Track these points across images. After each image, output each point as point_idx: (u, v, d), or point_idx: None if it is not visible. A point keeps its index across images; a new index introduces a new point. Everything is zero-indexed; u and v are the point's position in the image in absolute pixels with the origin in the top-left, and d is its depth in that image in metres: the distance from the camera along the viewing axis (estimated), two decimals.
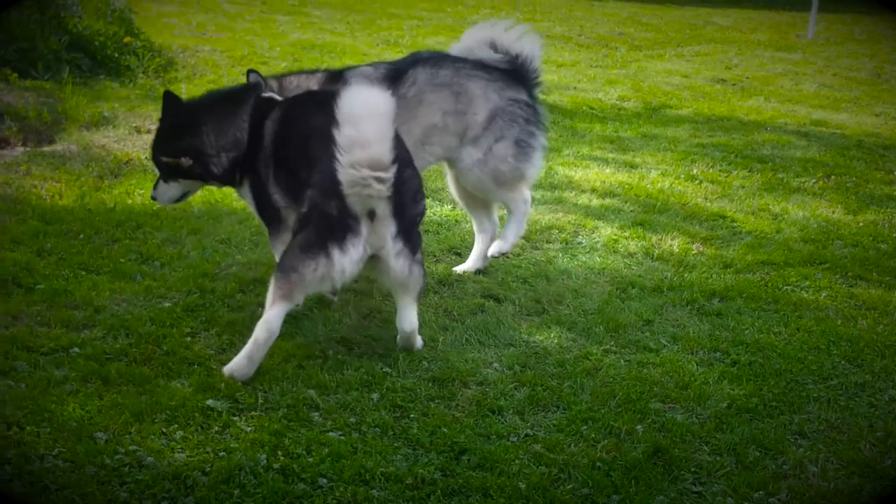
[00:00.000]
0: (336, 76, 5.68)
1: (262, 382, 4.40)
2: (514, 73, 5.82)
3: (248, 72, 5.35)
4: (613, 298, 5.64)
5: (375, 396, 4.39)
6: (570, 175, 7.93)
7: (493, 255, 5.86)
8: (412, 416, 4.27)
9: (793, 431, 4.38)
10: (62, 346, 4.58)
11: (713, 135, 9.75)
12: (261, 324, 4.48)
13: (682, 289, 5.82)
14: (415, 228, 4.68)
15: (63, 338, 4.65)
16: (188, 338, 4.80)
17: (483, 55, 5.83)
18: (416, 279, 4.68)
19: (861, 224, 7.25)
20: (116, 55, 9.89)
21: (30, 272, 5.27)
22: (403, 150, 4.64)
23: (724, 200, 7.61)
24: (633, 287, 5.81)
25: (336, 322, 5.07)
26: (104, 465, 3.72)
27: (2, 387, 4.19)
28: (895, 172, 8.74)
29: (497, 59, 5.83)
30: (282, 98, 5.29)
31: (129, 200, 6.50)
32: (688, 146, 9.21)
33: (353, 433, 4.10)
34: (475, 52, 5.88)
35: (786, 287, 6.00)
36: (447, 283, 5.68)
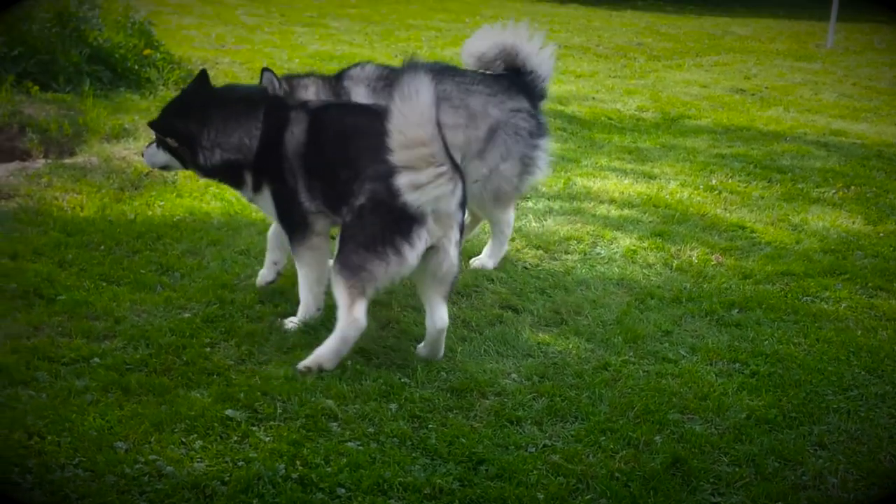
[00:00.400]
0: (338, 78, 5.73)
1: (281, 393, 4.42)
2: (518, 83, 5.83)
3: (263, 70, 5.40)
4: (632, 309, 5.63)
5: (394, 406, 4.40)
6: (589, 186, 7.93)
7: (476, 268, 5.91)
8: (430, 427, 4.28)
9: (812, 442, 4.37)
10: (83, 357, 4.61)
11: (732, 145, 9.73)
12: (349, 324, 4.59)
13: (702, 299, 5.81)
14: (462, 218, 4.76)
15: (84, 348, 4.68)
16: (208, 348, 4.83)
17: (492, 57, 5.84)
18: (458, 271, 4.79)
19: (881, 234, 7.22)
20: (137, 67, 9.94)
21: (51, 283, 5.30)
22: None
23: (744, 211, 7.59)
24: (652, 298, 5.81)
25: None
26: (124, 475, 3.74)
27: (23, 397, 4.22)
28: None
29: (503, 69, 5.87)
30: (293, 99, 5.30)
31: (150, 212, 6.54)
32: (707, 157, 9.20)
33: (372, 443, 4.11)
34: (486, 56, 5.89)
35: (805, 298, 5.98)
36: (465, 294, 5.68)
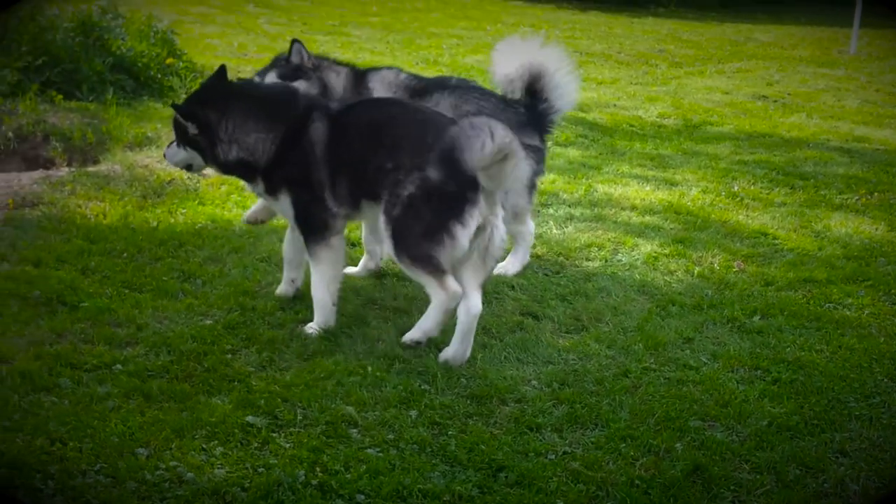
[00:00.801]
0: (360, 75, 5.98)
1: (301, 399, 4.43)
2: (531, 118, 5.93)
3: (293, 42, 5.53)
4: (653, 316, 5.62)
5: (414, 413, 4.41)
6: (610, 192, 7.92)
7: (497, 274, 5.95)
8: (450, 433, 4.28)
9: (834, 450, 4.34)
10: (105, 363, 4.64)
11: (754, 151, 9.69)
12: (448, 297, 4.83)
13: (723, 306, 5.79)
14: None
15: (106, 355, 4.71)
16: (229, 355, 4.85)
17: (517, 79, 5.95)
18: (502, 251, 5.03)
19: None
20: (159, 76, 10.01)
21: (74, 290, 5.34)
22: None
23: (766, 217, 7.56)
24: (674, 304, 5.79)
25: (374, 339, 5.10)
26: (145, 481, 3.77)
27: (46, 403, 4.25)
28: None
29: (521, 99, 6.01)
30: (313, 100, 5.36)
31: (172, 219, 6.58)
32: (729, 163, 9.16)
33: (392, 450, 4.12)
34: (513, 79, 5.99)
35: (828, 304, 5.95)
36: (485, 301, 5.65)
